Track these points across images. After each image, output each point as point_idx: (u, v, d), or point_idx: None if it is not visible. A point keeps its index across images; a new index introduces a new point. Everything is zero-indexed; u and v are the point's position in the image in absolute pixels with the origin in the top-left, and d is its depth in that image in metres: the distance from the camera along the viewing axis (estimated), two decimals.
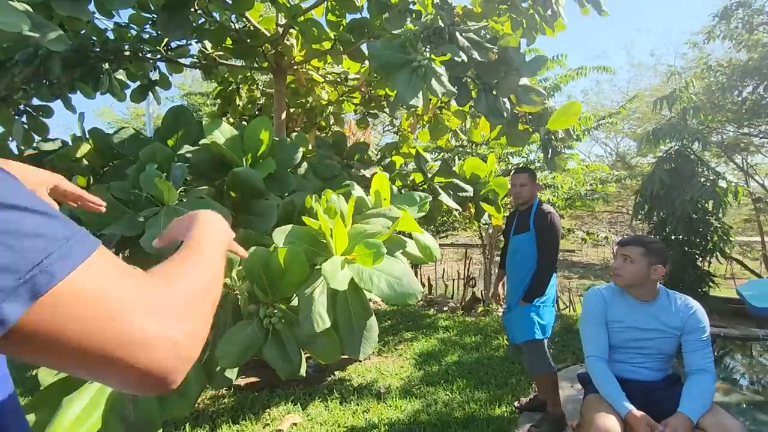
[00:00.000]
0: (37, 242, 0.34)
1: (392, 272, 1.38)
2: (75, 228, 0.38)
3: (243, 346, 1.34)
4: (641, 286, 1.85)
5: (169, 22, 2.16)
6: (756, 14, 5.14)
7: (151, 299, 0.39)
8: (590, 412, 1.76)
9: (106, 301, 0.36)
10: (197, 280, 0.48)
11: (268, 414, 2.82)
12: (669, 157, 4.18)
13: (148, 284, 0.41)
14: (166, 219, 1.74)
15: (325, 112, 5.14)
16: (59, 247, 0.35)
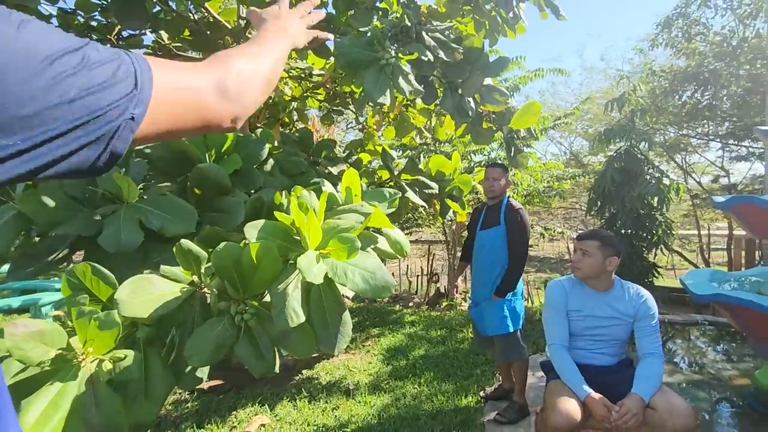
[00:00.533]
0: (128, 68, 0.45)
1: (366, 266, 1.39)
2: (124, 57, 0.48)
3: (214, 345, 1.31)
4: (598, 277, 1.97)
5: (122, 10, 2.05)
6: (693, 24, 5.57)
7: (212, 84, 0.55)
8: (552, 397, 1.85)
9: (184, 92, 0.52)
10: (253, 68, 0.62)
11: (235, 416, 2.76)
12: (618, 156, 4.45)
13: (209, 72, 0.56)
14: (127, 216, 1.67)
15: (288, 108, 5.06)
16: (136, 70, 0.46)
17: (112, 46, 3.36)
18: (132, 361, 1.21)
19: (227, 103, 0.56)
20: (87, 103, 0.40)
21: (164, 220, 1.75)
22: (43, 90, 0.38)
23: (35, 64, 0.38)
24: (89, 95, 0.40)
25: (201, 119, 0.53)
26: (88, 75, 0.41)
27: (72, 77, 0.39)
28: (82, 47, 0.42)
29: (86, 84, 0.40)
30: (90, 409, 1.07)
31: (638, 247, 4.32)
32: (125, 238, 1.60)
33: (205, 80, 0.55)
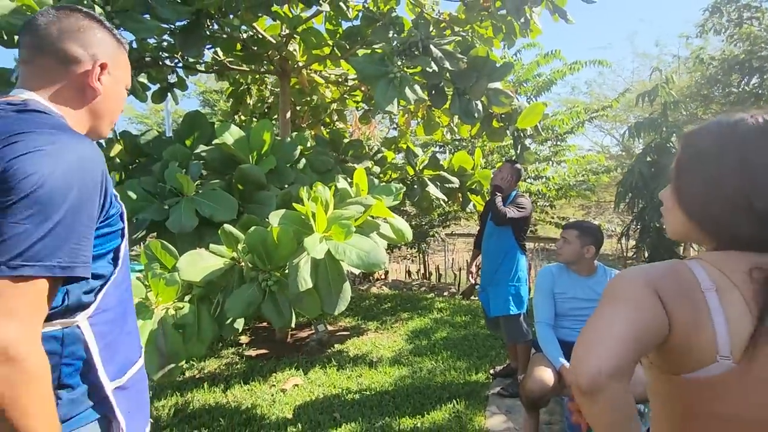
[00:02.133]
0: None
1: (362, 247, 1.76)
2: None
3: (246, 303, 1.75)
4: (578, 263, 2.20)
5: (185, 42, 2.55)
6: (745, 9, 5.30)
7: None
8: (531, 366, 2.13)
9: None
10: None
11: (274, 377, 3.26)
12: (649, 150, 4.44)
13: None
14: (186, 206, 2.16)
15: (329, 110, 5.52)
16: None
17: (180, 62, 3.93)
18: (188, 311, 1.68)
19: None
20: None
21: (213, 209, 2.23)
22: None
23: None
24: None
25: None
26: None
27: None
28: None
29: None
30: (160, 340, 1.54)
31: (668, 241, 4.31)
32: (185, 222, 2.09)
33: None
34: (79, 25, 0.80)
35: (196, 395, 2.93)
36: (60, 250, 0.64)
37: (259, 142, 2.71)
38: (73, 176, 0.66)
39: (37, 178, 0.62)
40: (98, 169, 0.72)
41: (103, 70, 0.82)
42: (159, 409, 2.73)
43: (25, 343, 0.60)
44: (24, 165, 0.62)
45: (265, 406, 2.78)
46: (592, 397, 0.60)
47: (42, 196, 0.62)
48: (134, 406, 0.85)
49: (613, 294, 0.68)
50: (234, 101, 5.40)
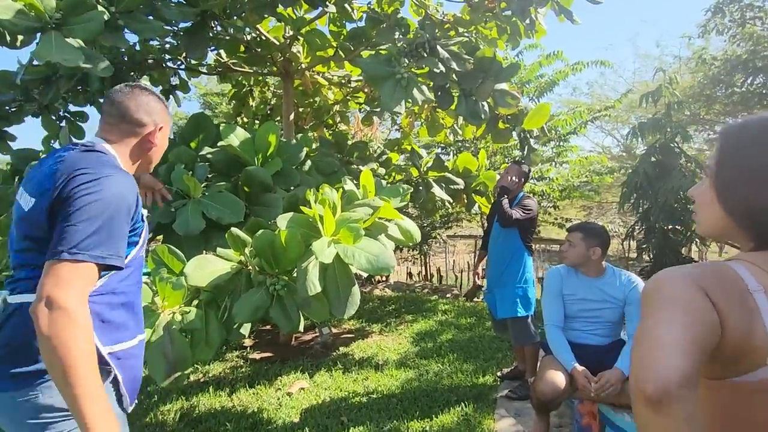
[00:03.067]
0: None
1: (371, 250, 1.74)
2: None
3: (254, 307, 1.73)
4: (585, 265, 2.18)
5: (190, 44, 2.54)
6: (747, 9, 5.29)
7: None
8: (543, 369, 2.10)
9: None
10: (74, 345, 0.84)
11: (280, 381, 3.23)
12: (653, 150, 4.42)
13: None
14: (193, 209, 2.14)
15: (331, 111, 5.51)
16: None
17: (183, 64, 3.93)
18: (195, 316, 1.66)
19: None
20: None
21: (220, 211, 2.21)
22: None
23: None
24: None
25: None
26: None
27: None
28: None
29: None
30: (167, 346, 1.52)
31: (673, 241, 4.29)
32: (192, 225, 2.07)
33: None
34: (146, 100, 1.15)
35: (202, 399, 2.90)
36: (102, 245, 0.91)
37: (265, 144, 2.69)
38: (114, 198, 0.95)
39: (90, 197, 0.93)
40: (132, 196, 1.01)
41: (160, 130, 1.18)
42: (164, 414, 2.71)
43: (77, 303, 0.86)
44: (83, 188, 0.93)
45: (272, 410, 2.75)
46: (661, 408, 0.55)
47: (92, 208, 0.92)
48: (126, 376, 1.06)
49: (661, 297, 0.64)
50: (236, 103, 5.39)
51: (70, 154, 1.02)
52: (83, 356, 0.83)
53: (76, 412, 0.82)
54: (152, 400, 2.91)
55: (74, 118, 3.97)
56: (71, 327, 0.83)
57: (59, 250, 0.87)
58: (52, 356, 0.82)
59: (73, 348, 0.82)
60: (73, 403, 0.82)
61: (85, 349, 0.85)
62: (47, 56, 1.67)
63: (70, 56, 1.72)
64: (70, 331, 0.83)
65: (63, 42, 1.77)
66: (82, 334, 0.85)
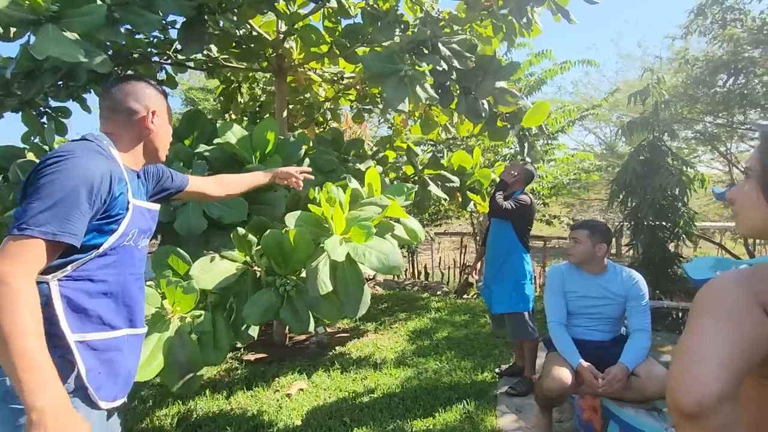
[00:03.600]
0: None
1: (381, 249, 1.72)
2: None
3: (264, 309, 1.69)
4: (589, 262, 2.21)
5: (187, 38, 2.46)
6: (729, 11, 5.44)
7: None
8: (548, 366, 2.12)
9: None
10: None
11: (277, 382, 3.19)
12: (642, 148, 4.52)
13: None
14: (194, 207, 2.08)
15: (322, 109, 5.45)
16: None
17: (169, 59, 3.83)
18: (204, 319, 1.61)
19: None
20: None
21: (222, 210, 2.15)
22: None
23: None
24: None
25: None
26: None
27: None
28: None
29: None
30: (179, 351, 1.47)
31: (660, 237, 4.39)
32: (193, 224, 2.01)
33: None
34: (135, 87, 1.15)
35: (199, 403, 2.84)
36: (54, 222, 0.90)
37: (263, 141, 2.64)
38: (75, 177, 0.94)
39: (50, 176, 0.93)
40: (99, 178, 0.98)
41: (153, 115, 1.17)
42: (161, 419, 2.64)
43: (19, 276, 0.85)
44: (46, 169, 0.94)
45: (272, 412, 2.71)
46: (698, 423, 0.54)
47: (49, 186, 0.92)
48: (103, 369, 1.03)
49: (709, 305, 0.63)
50: (224, 100, 5.28)
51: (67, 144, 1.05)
52: (22, 326, 0.83)
53: (15, 382, 0.82)
54: (147, 405, 2.84)
55: (56, 114, 3.83)
56: (11, 298, 0.83)
57: (11, 227, 0.89)
58: None
59: (11, 318, 0.82)
60: (12, 372, 0.82)
61: (25, 320, 0.84)
62: (46, 50, 1.58)
63: (70, 51, 1.64)
64: (10, 302, 0.83)
65: (61, 36, 1.69)
66: (25, 307, 0.84)
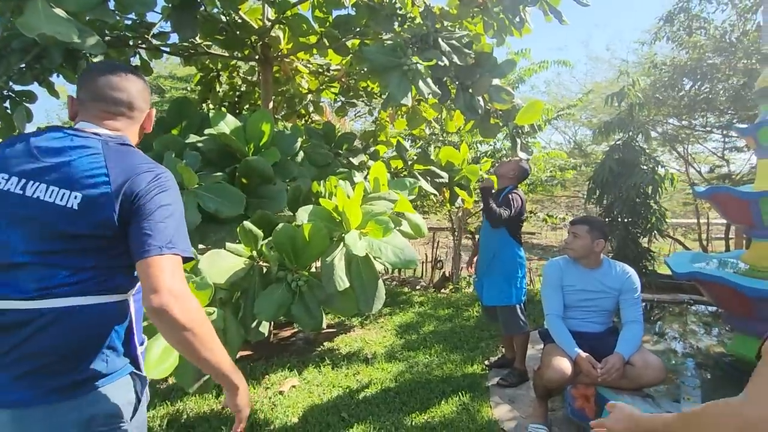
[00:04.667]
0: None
1: (396, 244, 1.71)
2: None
3: (276, 305, 1.64)
4: (587, 257, 2.28)
5: (179, 22, 2.34)
6: (695, 19, 5.76)
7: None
8: (548, 357, 2.19)
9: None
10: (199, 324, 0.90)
11: (268, 379, 3.12)
12: (617, 148, 4.72)
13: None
14: (188, 200, 1.98)
15: (304, 101, 5.34)
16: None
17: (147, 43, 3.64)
18: (216, 316, 1.55)
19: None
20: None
21: (218, 203, 2.07)
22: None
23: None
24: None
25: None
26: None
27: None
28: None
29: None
30: None
31: (634, 233, 4.61)
32: (189, 218, 1.91)
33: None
34: (141, 83, 1.10)
35: (188, 404, 2.73)
36: (183, 240, 0.95)
37: (257, 133, 2.56)
38: (178, 195, 1.01)
39: (165, 196, 0.96)
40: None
41: (152, 115, 1.15)
42: (150, 420, 2.52)
43: (189, 291, 0.90)
44: (154, 186, 0.95)
45: (267, 410, 2.65)
46: None
47: (169, 207, 0.95)
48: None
49: None
50: (203, 88, 5.07)
51: (111, 148, 0.98)
52: (211, 333, 0.92)
53: (221, 379, 0.95)
54: None
55: (20, 99, 3.55)
56: (200, 311, 0.90)
57: (156, 246, 0.88)
58: (195, 342, 0.87)
59: (209, 329, 0.91)
60: (216, 372, 0.93)
61: (209, 327, 0.92)
62: (37, 28, 1.45)
63: (63, 29, 1.52)
64: (201, 314, 0.90)
65: (52, 12, 1.56)
66: (204, 317, 0.92)
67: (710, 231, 9.77)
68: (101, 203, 0.89)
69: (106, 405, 0.90)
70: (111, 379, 0.92)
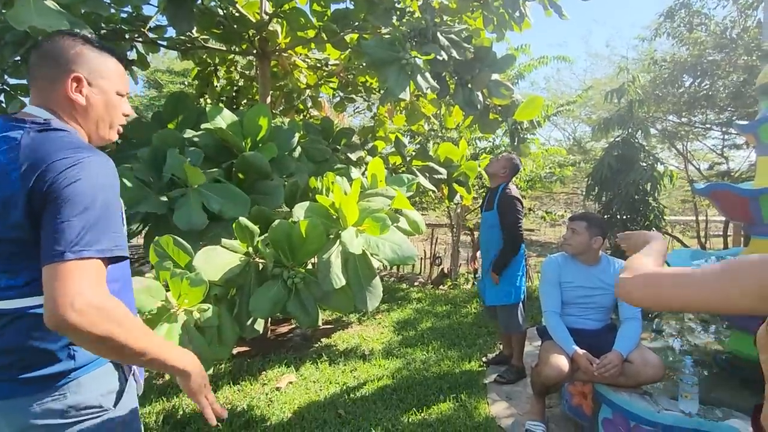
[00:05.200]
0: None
1: (394, 240, 1.70)
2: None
3: (272, 302, 1.63)
4: (585, 253, 2.27)
5: (176, 15, 2.31)
6: (695, 15, 5.72)
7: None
8: (545, 354, 2.18)
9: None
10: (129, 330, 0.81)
11: (264, 376, 3.11)
12: (617, 144, 4.70)
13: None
14: (194, 200, 1.96)
15: (302, 96, 5.30)
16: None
17: (143, 37, 3.60)
18: (211, 313, 1.53)
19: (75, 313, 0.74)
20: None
21: (223, 204, 2.05)
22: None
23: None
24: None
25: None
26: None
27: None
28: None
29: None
30: (187, 346, 1.39)
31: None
32: (194, 219, 1.90)
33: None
34: (61, 46, 0.91)
35: (183, 399, 2.73)
36: (104, 237, 0.82)
37: (255, 127, 2.53)
38: (101, 183, 0.85)
39: (77, 186, 0.81)
40: (116, 175, 0.91)
41: (80, 83, 0.92)
42: (146, 416, 2.51)
43: (100, 297, 0.79)
44: (66, 177, 0.81)
45: (263, 406, 2.64)
46: None
47: (82, 199, 0.81)
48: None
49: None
50: (200, 83, 5.03)
51: (30, 136, 0.86)
52: (135, 333, 0.82)
53: (167, 369, 0.89)
54: None
55: (15, 92, 3.51)
56: (114, 313, 0.79)
57: (59, 251, 0.77)
58: (118, 347, 0.80)
59: (133, 326, 0.82)
60: (158, 365, 0.87)
61: (132, 327, 0.82)
62: (28, 20, 1.43)
63: (54, 22, 1.49)
64: (117, 317, 0.79)
65: (43, 5, 1.53)
66: (122, 319, 0.80)
67: (709, 228, 9.78)
68: (13, 203, 0.81)
69: (83, 396, 0.89)
70: (86, 370, 0.90)
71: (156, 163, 2.14)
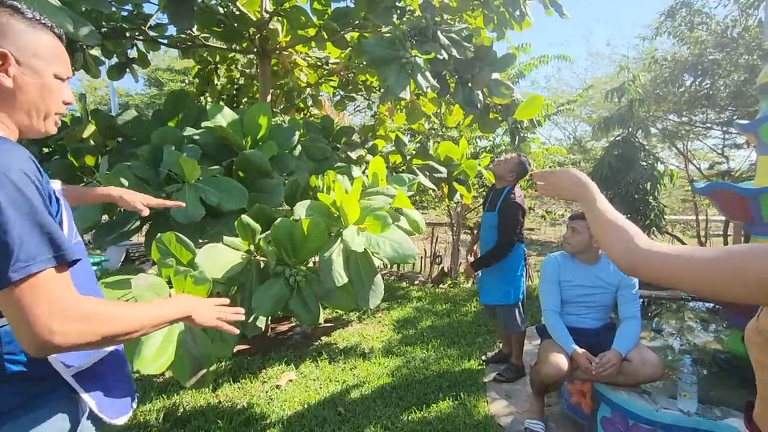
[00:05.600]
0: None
1: (394, 238, 1.70)
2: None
3: (274, 300, 1.63)
4: (585, 252, 2.28)
5: (176, 13, 2.31)
6: (696, 14, 5.72)
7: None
8: (544, 352, 2.19)
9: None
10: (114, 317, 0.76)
11: (265, 373, 3.12)
12: (617, 143, 4.70)
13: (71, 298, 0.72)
14: (191, 194, 1.97)
15: (303, 94, 5.30)
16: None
17: (144, 35, 3.61)
18: None
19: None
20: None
21: (221, 197, 2.06)
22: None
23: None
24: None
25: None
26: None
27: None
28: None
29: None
30: (190, 344, 1.40)
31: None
32: (192, 212, 1.91)
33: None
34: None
35: (184, 397, 2.73)
36: (33, 247, 0.68)
37: (255, 126, 2.53)
38: (12, 189, 0.67)
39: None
40: (32, 165, 0.72)
41: (5, 61, 0.75)
42: (146, 414, 2.52)
43: (71, 310, 0.70)
44: None
45: (263, 404, 2.65)
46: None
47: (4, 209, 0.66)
48: (111, 382, 0.93)
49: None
50: (200, 81, 5.03)
51: None
52: (123, 320, 0.77)
53: (166, 326, 0.88)
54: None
55: None
56: (95, 323, 0.72)
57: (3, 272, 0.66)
58: (116, 337, 0.76)
59: (119, 312, 0.77)
60: (156, 330, 0.85)
61: (117, 315, 0.76)
62: None
63: (56, 19, 1.49)
64: (98, 326, 0.73)
65: (44, 1, 1.53)
66: (105, 314, 0.74)
67: (709, 228, 9.79)
68: None
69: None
70: (25, 413, 0.78)
71: (155, 160, 2.14)
